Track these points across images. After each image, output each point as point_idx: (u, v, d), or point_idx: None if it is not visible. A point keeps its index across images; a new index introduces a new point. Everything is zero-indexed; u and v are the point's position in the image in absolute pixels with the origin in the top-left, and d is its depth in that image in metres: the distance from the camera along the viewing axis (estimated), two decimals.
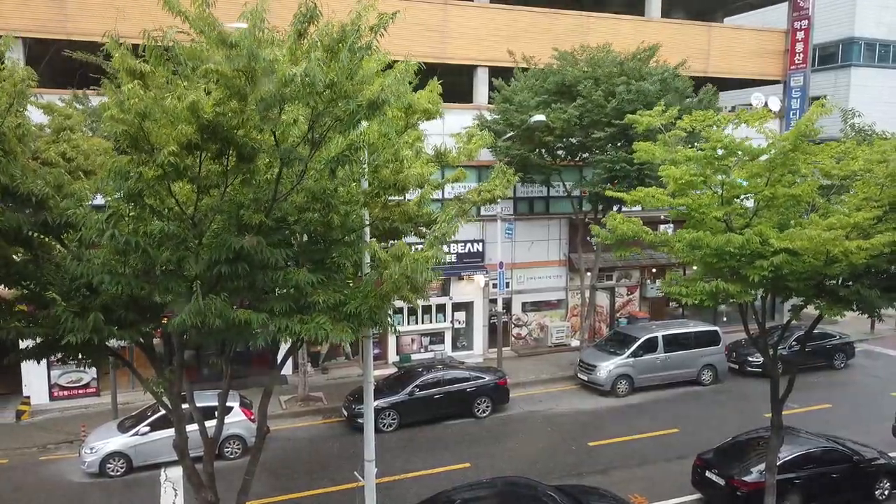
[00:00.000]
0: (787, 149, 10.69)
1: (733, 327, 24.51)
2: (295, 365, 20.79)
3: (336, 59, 7.28)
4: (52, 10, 18.88)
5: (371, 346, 11.08)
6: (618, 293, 27.09)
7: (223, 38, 7.08)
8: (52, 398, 19.85)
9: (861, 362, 24.35)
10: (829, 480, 13.46)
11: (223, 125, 7.05)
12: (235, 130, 7.22)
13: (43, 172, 8.36)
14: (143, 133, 7.05)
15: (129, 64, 7.19)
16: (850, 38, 36.29)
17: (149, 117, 6.92)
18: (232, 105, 7.12)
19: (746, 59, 28.19)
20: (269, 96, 6.97)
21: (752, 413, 18.32)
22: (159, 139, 7.19)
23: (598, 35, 23.49)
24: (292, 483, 14.93)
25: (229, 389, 10.38)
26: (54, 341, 8.52)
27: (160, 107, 6.92)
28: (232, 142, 7.29)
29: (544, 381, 22.24)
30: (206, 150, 7.38)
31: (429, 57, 21.35)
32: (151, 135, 7.11)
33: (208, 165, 7.67)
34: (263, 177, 7.95)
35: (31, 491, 14.81)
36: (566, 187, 23.41)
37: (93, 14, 18.60)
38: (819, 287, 10.97)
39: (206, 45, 7.35)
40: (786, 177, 11.03)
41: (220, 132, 7.10)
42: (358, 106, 7.40)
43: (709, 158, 11.15)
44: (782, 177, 10.98)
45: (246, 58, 6.82)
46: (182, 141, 7.06)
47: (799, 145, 10.67)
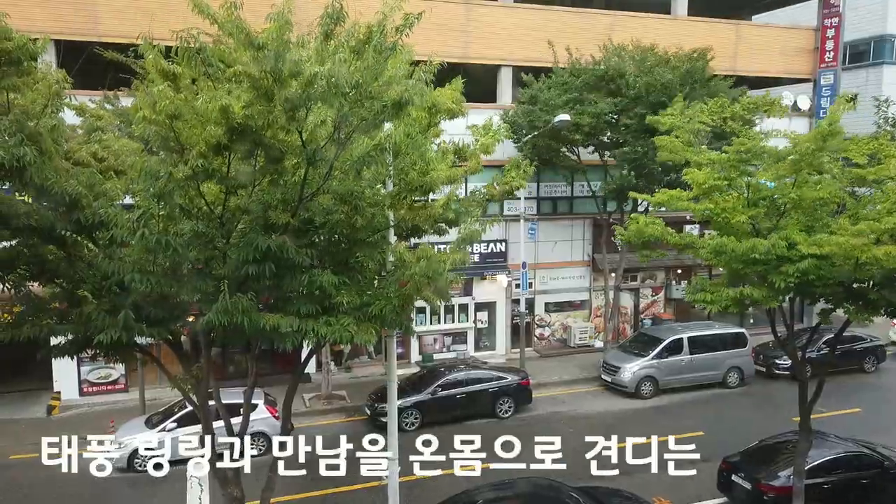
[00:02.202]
0: (810, 149, 10.49)
1: (760, 329, 24.13)
2: (318, 363, 20.95)
3: (362, 60, 7.32)
4: (84, 13, 19.25)
5: (395, 345, 11.13)
6: (642, 294, 26.87)
7: (251, 41, 7.16)
8: (82, 394, 20.26)
9: (892, 366, 23.85)
10: (859, 486, 13.21)
11: (252, 126, 7.13)
12: (264, 132, 7.30)
13: (76, 172, 8.52)
14: (173, 133, 7.16)
15: (161, 65, 7.30)
16: (882, 35, 35.50)
17: (179, 118, 7.02)
18: (259, 107, 7.20)
19: (775, 57, 27.78)
20: (295, 97, 7.04)
21: (780, 416, 18.01)
22: (189, 140, 7.29)
23: (627, 33, 23.30)
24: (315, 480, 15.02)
25: (254, 387, 10.50)
26: (85, 338, 8.69)
27: (191, 108, 7.01)
28: (260, 143, 7.37)
29: (567, 382, 22.13)
30: (235, 151, 7.47)
31: (452, 57, 21.37)
32: (182, 135, 7.22)
33: (237, 166, 7.77)
34: (291, 178, 8.02)
35: (60, 484, 15.10)
36: (591, 187, 23.27)
37: (124, 16, 18.93)
38: (847, 291, 10.75)
39: (234, 47, 7.44)
40: (812, 178, 10.82)
41: (248, 133, 7.18)
42: (383, 106, 7.43)
43: (732, 161, 10.97)
44: (808, 178, 10.78)
45: (273, 59, 6.89)
46: (211, 142, 7.15)
47: (822, 145, 10.45)
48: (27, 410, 19.55)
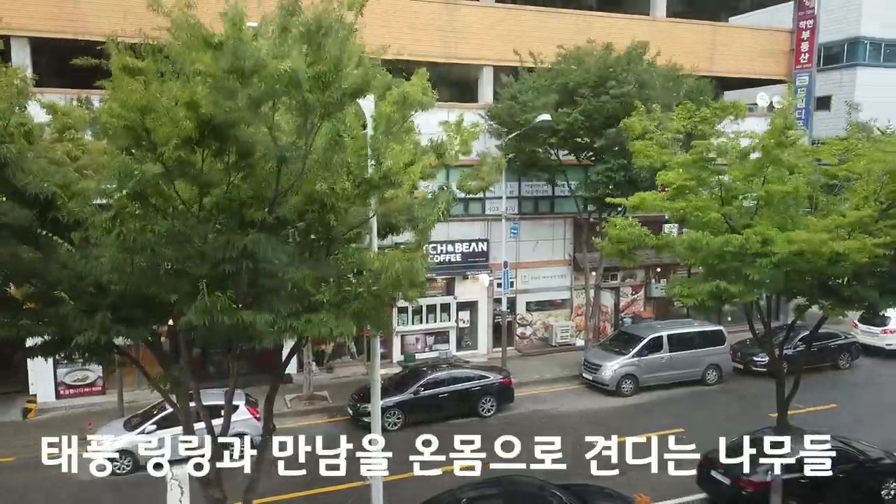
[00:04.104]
0: (771, 144, 10.72)
1: (738, 327, 24.40)
2: (300, 364, 20.84)
3: (321, 50, 7.31)
4: (58, 9, 18.94)
5: (378, 345, 11.10)
6: (622, 293, 27.06)
7: (207, 40, 7.11)
8: (59, 396, 19.96)
9: (866, 362, 24.26)
10: (836, 481, 13.39)
11: (220, 121, 7.07)
12: (231, 127, 7.24)
13: (51, 171, 8.39)
14: (144, 129, 7.07)
15: (126, 62, 7.24)
16: (856, 37, 36.15)
17: (149, 112, 6.95)
18: (225, 104, 7.15)
19: (752, 59, 28.15)
20: (258, 93, 7.01)
21: (757, 412, 18.23)
22: (160, 136, 7.20)
23: (605, 34, 23.45)
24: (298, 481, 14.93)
25: (236, 388, 10.42)
26: (62, 339, 8.56)
27: (160, 102, 6.94)
28: (229, 138, 7.30)
29: (549, 380, 22.23)
30: (207, 147, 7.40)
31: (435, 56, 21.38)
32: (153, 131, 7.12)
33: (210, 163, 7.69)
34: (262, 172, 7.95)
35: (37, 488, 14.87)
36: (571, 187, 23.39)
37: (99, 13, 18.64)
38: (822, 287, 10.97)
39: (193, 45, 7.38)
40: (777, 174, 11.04)
41: (218, 128, 7.12)
42: (343, 93, 7.44)
43: (698, 162, 11.19)
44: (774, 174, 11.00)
45: (231, 57, 6.86)
46: (183, 136, 7.08)
47: (781, 140, 10.70)
48: (3, 414, 19.22)
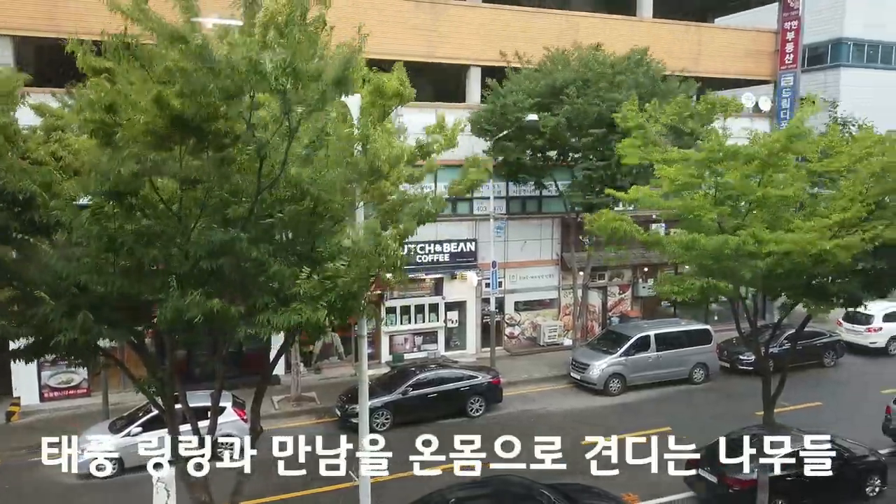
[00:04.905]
0: (777, 149, 10.75)
1: (724, 326, 24.57)
2: (288, 365, 20.73)
3: (286, 39, 7.26)
4: (42, 7, 18.73)
5: (365, 345, 11.06)
6: (610, 292, 27.15)
7: (173, 35, 7.03)
8: (43, 399, 19.74)
9: (850, 360, 24.49)
10: (821, 478, 13.45)
11: (192, 115, 6.98)
12: (204, 122, 7.15)
13: (31, 171, 8.28)
14: (115, 127, 6.97)
15: (91, 62, 7.16)
16: (840, 38, 36.52)
17: (117, 111, 6.86)
18: (197, 98, 7.04)
19: (737, 60, 28.35)
20: (228, 86, 6.94)
21: (744, 411, 18.33)
22: (130, 133, 7.09)
23: (591, 35, 23.56)
24: (286, 483, 14.85)
25: (222, 389, 10.33)
26: (44, 341, 8.45)
27: (127, 100, 6.86)
28: (203, 133, 7.22)
29: (537, 380, 22.26)
30: (181, 143, 7.31)
31: (421, 57, 21.37)
32: (125, 129, 7.02)
33: (188, 160, 7.60)
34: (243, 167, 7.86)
35: (21, 492, 14.70)
36: (558, 187, 23.44)
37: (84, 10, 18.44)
38: (807, 286, 11.07)
39: (160, 42, 7.29)
40: (776, 177, 11.10)
41: (190, 123, 7.04)
42: (326, 87, 7.39)
43: (706, 160, 11.17)
44: (772, 177, 11.05)
45: (197, 52, 6.80)
46: (156, 133, 6.99)
47: (789, 145, 10.73)
48: None
